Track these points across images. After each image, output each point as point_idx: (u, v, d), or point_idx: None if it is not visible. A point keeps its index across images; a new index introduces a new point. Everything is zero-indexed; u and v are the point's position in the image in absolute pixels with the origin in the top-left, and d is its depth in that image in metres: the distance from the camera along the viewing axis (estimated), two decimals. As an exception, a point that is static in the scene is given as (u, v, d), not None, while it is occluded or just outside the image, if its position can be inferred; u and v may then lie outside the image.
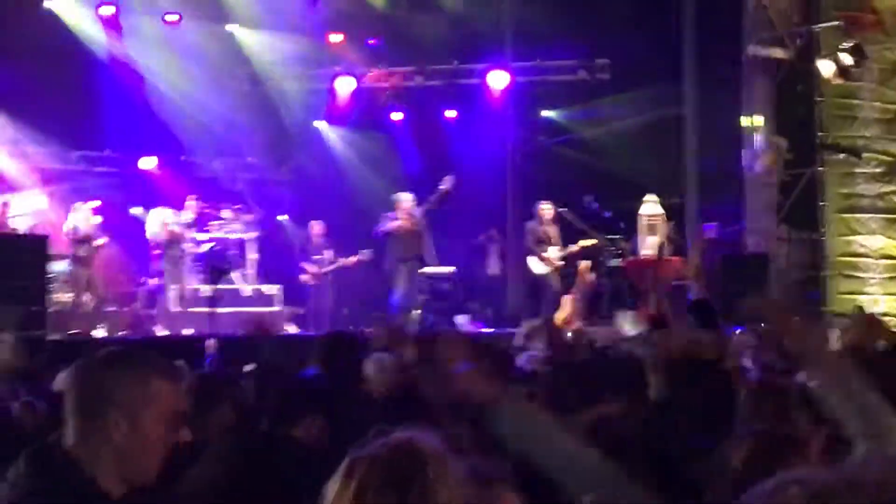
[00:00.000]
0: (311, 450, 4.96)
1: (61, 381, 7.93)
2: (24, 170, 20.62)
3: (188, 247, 18.74)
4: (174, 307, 17.54)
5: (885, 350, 6.25)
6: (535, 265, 18.93)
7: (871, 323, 6.50)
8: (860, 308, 17.92)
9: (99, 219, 17.73)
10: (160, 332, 17.08)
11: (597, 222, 20.62)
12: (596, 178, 21.60)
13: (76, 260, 17.00)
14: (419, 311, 18.97)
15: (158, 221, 17.81)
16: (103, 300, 17.78)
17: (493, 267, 21.79)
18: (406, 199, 18.52)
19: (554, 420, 3.54)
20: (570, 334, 11.92)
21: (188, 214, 18.51)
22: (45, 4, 21.00)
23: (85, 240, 16.91)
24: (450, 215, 21.36)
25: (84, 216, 17.06)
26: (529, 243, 19.02)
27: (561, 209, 19.70)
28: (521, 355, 8.20)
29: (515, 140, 23.68)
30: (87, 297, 17.40)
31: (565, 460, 3.40)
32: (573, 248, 19.13)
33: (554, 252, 18.84)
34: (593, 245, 19.37)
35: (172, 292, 17.57)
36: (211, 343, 10.90)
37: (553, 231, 19.09)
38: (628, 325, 14.55)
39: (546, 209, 19.14)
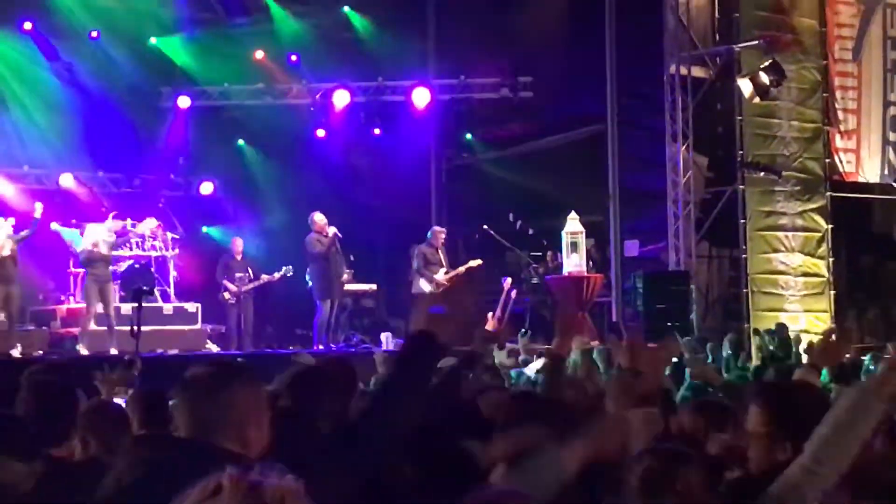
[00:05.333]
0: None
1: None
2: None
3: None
4: (96, 326, 17.24)
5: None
6: (424, 286, 18.87)
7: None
8: (782, 325, 18.09)
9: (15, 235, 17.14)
10: (83, 351, 16.77)
11: (520, 239, 20.77)
12: (520, 196, 21.67)
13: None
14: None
15: (89, 239, 17.44)
16: (16, 319, 17.29)
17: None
18: (321, 219, 18.45)
19: None
20: None
21: (110, 232, 18.16)
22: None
23: (5, 258, 16.43)
24: (374, 232, 21.35)
25: (4, 234, 16.59)
26: (418, 265, 19.00)
27: (485, 227, 19.85)
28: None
29: (439, 157, 23.70)
30: (1, 316, 16.93)
31: None
32: (460, 269, 19.19)
33: (441, 274, 18.86)
34: (478, 266, 19.44)
35: (94, 311, 17.23)
36: (136, 362, 10.72)
37: (442, 254, 19.14)
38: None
39: (440, 233, 19.25)
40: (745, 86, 19.59)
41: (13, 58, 21.41)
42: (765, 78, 19.35)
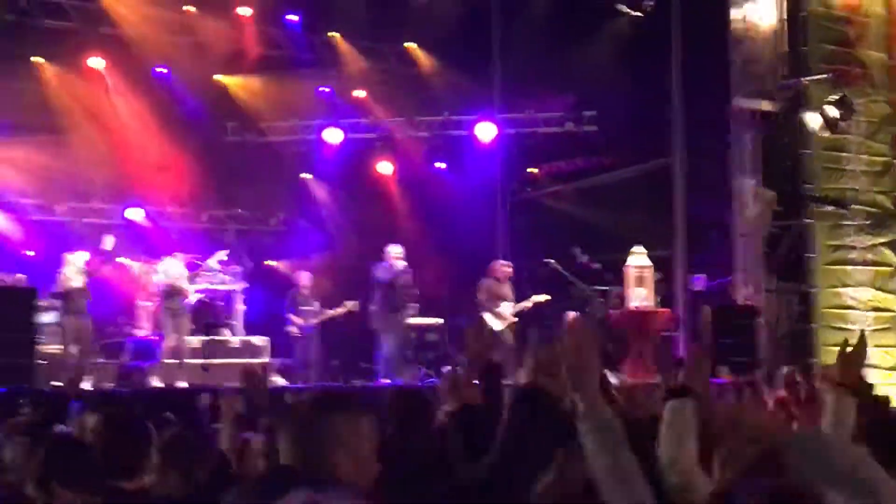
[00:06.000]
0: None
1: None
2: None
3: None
4: (168, 359, 17.38)
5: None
6: (491, 321, 18.77)
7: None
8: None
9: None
10: (155, 383, 16.89)
11: (585, 274, 20.69)
12: (584, 230, 21.62)
13: (68, 311, 16.74)
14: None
15: (172, 272, 17.63)
16: (88, 352, 17.48)
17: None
18: (396, 251, 18.52)
19: None
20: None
21: (182, 266, 18.33)
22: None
23: (77, 291, 16.65)
24: (438, 267, 21.36)
25: (76, 268, 16.82)
26: (483, 300, 18.91)
27: (548, 260, 19.81)
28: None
29: (504, 191, 23.70)
30: (73, 349, 17.11)
31: None
32: (526, 304, 19.14)
33: (508, 308, 18.79)
34: (545, 301, 19.39)
35: (168, 344, 17.39)
36: (205, 397, 10.79)
37: (507, 288, 19.04)
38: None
39: (502, 266, 19.17)
40: (813, 120, 19.45)
41: (81, 93, 21.70)
42: (834, 112, 19.20)
